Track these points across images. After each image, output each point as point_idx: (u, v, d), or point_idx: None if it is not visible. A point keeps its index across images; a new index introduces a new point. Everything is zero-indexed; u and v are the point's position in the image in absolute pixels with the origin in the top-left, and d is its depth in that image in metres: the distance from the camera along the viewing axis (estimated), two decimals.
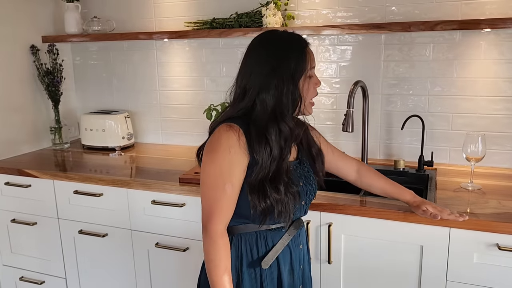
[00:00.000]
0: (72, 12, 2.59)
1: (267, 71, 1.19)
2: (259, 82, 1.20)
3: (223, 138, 1.19)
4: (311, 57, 1.26)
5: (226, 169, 1.18)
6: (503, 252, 1.46)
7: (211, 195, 1.19)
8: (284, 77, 1.20)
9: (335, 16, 2.20)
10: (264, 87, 1.19)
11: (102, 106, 2.84)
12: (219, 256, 1.20)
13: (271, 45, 1.24)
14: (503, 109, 2.00)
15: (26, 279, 2.38)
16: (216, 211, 1.19)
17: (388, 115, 2.20)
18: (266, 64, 1.20)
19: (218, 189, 1.18)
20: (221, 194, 1.18)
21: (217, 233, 1.20)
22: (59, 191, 2.18)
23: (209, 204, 1.20)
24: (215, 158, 1.18)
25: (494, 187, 1.80)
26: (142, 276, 2.10)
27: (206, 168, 1.20)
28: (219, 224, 1.20)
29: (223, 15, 2.35)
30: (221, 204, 1.19)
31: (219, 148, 1.18)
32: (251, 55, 1.25)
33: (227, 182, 1.18)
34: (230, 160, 1.18)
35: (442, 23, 1.86)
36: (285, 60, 1.21)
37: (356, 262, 1.69)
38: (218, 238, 1.20)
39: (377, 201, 1.67)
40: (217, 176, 1.18)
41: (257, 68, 1.21)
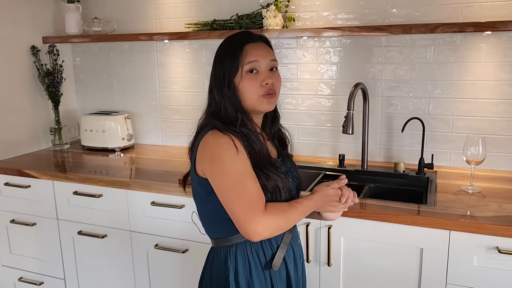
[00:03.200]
0: (72, 13, 2.59)
1: (212, 75, 1.31)
2: (210, 86, 1.32)
3: (220, 141, 1.20)
4: (249, 53, 1.26)
5: (242, 167, 1.18)
6: (503, 255, 1.46)
7: (242, 195, 1.16)
8: (220, 82, 1.27)
9: (336, 18, 2.19)
10: (211, 91, 1.31)
11: (102, 107, 2.84)
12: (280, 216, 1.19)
13: (216, 53, 1.32)
14: (503, 112, 2.00)
15: (25, 280, 2.38)
16: (255, 204, 1.16)
17: (388, 117, 2.20)
18: (212, 68, 1.31)
19: (245, 186, 1.17)
20: (251, 187, 1.17)
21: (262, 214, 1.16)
22: (58, 192, 2.18)
23: (245, 203, 1.16)
24: (225, 163, 1.18)
25: (495, 190, 1.79)
26: (141, 277, 2.10)
27: (222, 177, 1.18)
28: (261, 209, 1.17)
29: (223, 17, 2.35)
30: (256, 196, 1.17)
31: (222, 152, 1.19)
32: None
33: (249, 176, 1.18)
34: (240, 158, 1.19)
35: (442, 26, 1.86)
36: (219, 64, 1.28)
37: (355, 264, 1.69)
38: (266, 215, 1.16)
39: (377, 204, 1.66)
40: (237, 177, 1.17)
41: (211, 73, 1.32)
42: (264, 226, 1.16)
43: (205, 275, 1.36)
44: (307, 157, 2.34)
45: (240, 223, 1.16)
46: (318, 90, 2.30)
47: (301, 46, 2.29)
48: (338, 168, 2.16)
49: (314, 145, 2.36)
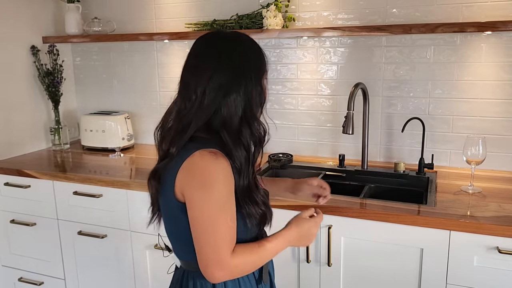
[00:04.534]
0: (72, 12, 2.59)
1: (231, 72, 1.09)
2: (222, 84, 1.08)
3: (213, 168, 1.05)
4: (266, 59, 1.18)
5: (225, 201, 1.06)
6: (504, 255, 1.46)
7: (213, 235, 1.05)
8: (251, 76, 1.11)
9: (336, 18, 2.19)
10: (232, 89, 1.09)
11: (102, 107, 2.84)
12: (249, 260, 1.12)
13: (231, 44, 1.13)
14: (503, 112, 2.00)
15: (25, 280, 2.38)
16: (222, 246, 1.06)
17: (388, 118, 2.20)
18: (229, 64, 1.10)
19: (219, 224, 1.05)
20: (225, 227, 1.06)
21: (230, 257, 1.08)
22: (58, 192, 2.18)
23: (214, 243, 1.05)
24: (211, 193, 1.04)
25: (495, 190, 1.79)
26: (141, 277, 2.10)
27: (204, 207, 1.05)
28: (228, 253, 1.07)
29: (223, 17, 2.35)
30: (227, 237, 1.07)
31: (215, 179, 1.05)
32: (205, 56, 1.13)
33: (228, 214, 1.07)
34: (227, 190, 1.07)
35: (443, 26, 1.85)
36: (250, 59, 1.14)
37: (356, 264, 1.69)
38: (234, 258, 1.08)
39: (377, 204, 1.66)
40: (217, 212, 1.05)
41: (218, 69, 1.09)
42: (226, 272, 1.08)
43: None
44: (307, 157, 2.34)
45: (201, 261, 1.08)
46: (318, 90, 2.30)
47: (301, 46, 2.29)
48: (338, 168, 2.16)
49: (314, 145, 2.36)
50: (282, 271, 1.76)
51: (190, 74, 1.13)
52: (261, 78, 1.15)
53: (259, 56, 1.16)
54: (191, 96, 1.10)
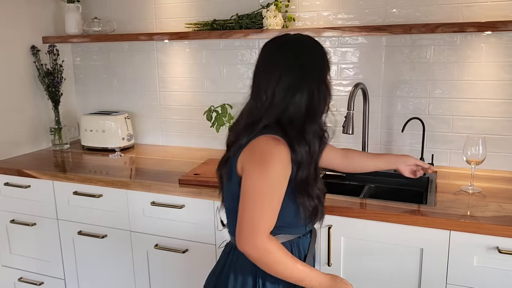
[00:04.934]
0: (72, 12, 2.59)
1: (298, 73, 1.19)
2: (290, 84, 1.18)
3: (275, 151, 1.15)
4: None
5: (277, 183, 1.15)
6: (503, 255, 1.46)
7: (256, 209, 1.14)
8: (316, 77, 1.21)
9: (336, 18, 2.19)
10: (298, 89, 1.18)
11: (102, 107, 2.84)
12: (278, 254, 1.16)
13: (297, 47, 1.23)
14: (503, 112, 2.00)
15: (25, 280, 2.38)
16: (261, 225, 1.14)
17: (388, 117, 2.20)
18: (295, 66, 1.19)
19: (265, 203, 1.14)
20: (268, 208, 1.15)
21: (265, 240, 1.15)
22: (58, 192, 2.18)
23: (254, 218, 1.14)
24: (266, 170, 1.13)
25: (495, 190, 1.79)
26: (141, 277, 2.10)
27: (254, 180, 1.14)
28: (265, 234, 1.15)
29: (223, 17, 2.35)
30: (267, 218, 1.15)
31: (272, 160, 1.14)
32: (274, 59, 1.22)
33: (274, 196, 1.15)
34: (281, 174, 1.15)
35: (443, 26, 1.85)
36: (314, 60, 1.23)
37: (356, 264, 1.69)
38: (268, 243, 1.15)
39: (377, 204, 1.66)
40: (266, 190, 1.14)
41: (286, 71, 1.19)
42: (255, 251, 1.15)
43: (225, 274, 1.30)
44: None
45: (238, 233, 1.16)
46: None
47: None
48: None
49: None
50: None
51: (260, 76, 1.23)
52: (325, 77, 1.24)
53: (322, 56, 1.26)
54: (262, 97, 1.20)
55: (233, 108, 2.40)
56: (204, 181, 1.90)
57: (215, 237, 1.90)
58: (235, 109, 2.43)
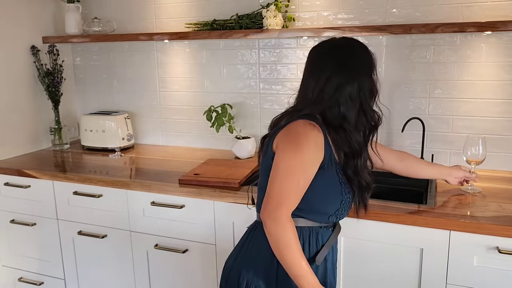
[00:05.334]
0: (72, 12, 2.59)
1: (346, 73, 1.27)
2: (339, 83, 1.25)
3: (310, 134, 1.22)
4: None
5: (306, 164, 1.21)
6: (503, 255, 1.46)
7: (284, 184, 1.20)
8: (362, 75, 1.29)
9: (336, 18, 2.19)
10: (347, 87, 1.26)
11: (102, 107, 2.84)
12: (292, 238, 1.20)
13: (344, 48, 1.32)
14: (504, 112, 2.00)
15: (25, 280, 2.38)
16: (285, 200, 1.20)
17: (388, 117, 2.20)
18: (343, 67, 1.27)
19: (293, 180, 1.20)
20: (295, 186, 1.20)
21: (286, 218, 1.20)
22: (58, 192, 2.18)
23: (280, 192, 1.20)
24: (299, 150, 1.20)
25: (495, 190, 1.79)
26: (141, 277, 2.10)
27: (286, 157, 1.21)
28: (287, 211, 1.21)
29: (223, 17, 2.35)
30: (292, 196, 1.21)
31: (306, 141, 1.21)
32: (322, 63, 1.30)
33: (302, 176, 1.21)
34: (313, 157, 1.22)
35: (443, 26, 1.85)
36: (361, 60, 1.31)
37: (356, 264, 1.69)
38: (287, 222, 1.20)
39: (377, 204, 1.66)
40: (296, 168, 1.20)
41: (335, 72, 1.26)
42: (275, 224, 1.19)
43: (249, 245, 1.35)
44: None
45: (264, 205, 1.22)
46: None
47: (301, 46, 2.29)
48: None
49: None
50: None
51: (308, 80, 1.31)
52: (371, 75, 1.32)
53: (366, 56, 1.34)
54: (308, 94, 1.29)
55: (233, 108, 2.40)
56: (204, 181, 1.90)
57: (215, 237, 1.90)
58: (235, 109, 2.43)
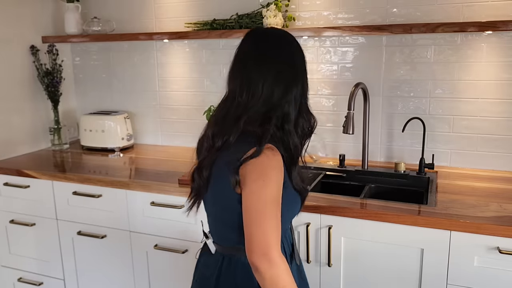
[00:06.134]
0: (72, 12, 2.59)
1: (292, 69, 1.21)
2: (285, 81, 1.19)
3: (273, 163, 1.14)
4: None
5: (278, 191, 1.15)
6: (504, 255, 1.46)
7: (266, 224, 1.11)
8: (301, 70, 1.24)
9: (336, 18, 2.19)
10: (288, 84, 1.19)
11: (101, 107, 2.83)
12: (290, 278, 1.12)
13: (275, 41, 1.24)
14: (504, 112, 2.00)
15: (24, 280, 2.37)
16: (273, 239, 1.11)
17: (389, 117, 2.19)
18: (279, 61, 1.20)
19: (273, 216, 1.12)
20: (276, 217, 1.13)
21: (279, 257, 1.11)
22: (58, 192, 2.17)
23: (265, 233, 1.10)
24: (268, 184, 1.12)
25: (495, 190, 1.79)
26: (140, 278, 2.09)
27: (261, 195, 1.12)
28: (278, 248, 1.12)
29: (223, 16, 2.35)
30: (276, 230, 1.12)
31: (271, 171, 1.13)
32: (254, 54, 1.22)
33: (278, 206, 1.14)
34: (279, 185, 1.15)
35: (443, 25, 1.85)
36: (296, 53, 1.24)
37: (356, 265, 1.69)
38: (282, 262, 1.11)
39: (377, 204, 1.66)
40: (272, 201, 1.13)
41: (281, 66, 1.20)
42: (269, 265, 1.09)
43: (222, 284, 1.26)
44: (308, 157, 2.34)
45: (250, 248, 1.11)
46: (319, 90, 2.29)
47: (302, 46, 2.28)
48: (339, 168, 2.16)
49: (314, 145, 2.35)
50: None
51: (252, 70, 1.19)
52: (307, 72, 1.26)
53: (301, 49, 1.27)
54: (254, 89, 1.18)
55: None
56: None
57: None
58: None
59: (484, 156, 2.05)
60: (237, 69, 1.23)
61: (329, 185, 2.10)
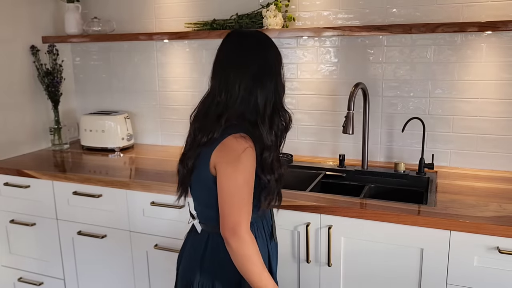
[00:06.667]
0: (72, 12, 2.59)
1: (264, 68, 1.30)
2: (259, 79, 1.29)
3: (243, 149, 1.25)
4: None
5: (249, 175, 1.27)
6: (504, 255, 1.46)
7: (236, 203, 1.25)
8: (276, 71, 1.33)
9: (336, 18, 2.19)
10: (266, 83, 1.29)
11: (101, 107, 2.84)
12: (254, 253, 1.27)
13: (252, 43, 1.33)
14: (504, 112, 2.00)
15: (24, 280, 2.38)
16: (242, 216, 1.26)
17: (388, 117, 2.20)
18: (255, 63, 1.29)
19: (243, 197, 1.26)
20: (246, 201, 1.27)
21: (246, 233, 1.26)
22: (58, 192, 2.18)
23: (234, 211, 1.26)
24: (240, 168, 1.25)
25: (495, 190, 1.79)
26: (140, 277, 2.09)
27: (231, 178, 1.25)
28: (247, 225, 1.27)
29: (223, 16, 2.35)
30: (246, 210, 1.27)
31: (244, 157, 1.25)
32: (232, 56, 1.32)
33: (248, 189, 1.27)
34: (250, 169, 1.27)
35: (443, 26, 1.85)
36: (271, 55, 1.33)
37: (356, 265, 1.69)
38: (248, 237, 1.27)
39: (377, 204, 1.66)
40: (241, 185, 1.26)
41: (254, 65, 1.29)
42: (237, 239, 1.25)
43: (205, 261, 1.39)
44: (307, 157, 2.34)
45: (222, 225, 1.26)
46: (318, 90, 2.29)
47: (301, 46, 2.29)
48: (338, 168, 2.16)
49: (314, 145, 2.36)
50: (282, 271, 1.76)
51: (230, 72, 1.30)
52: (282, 70, 1.36)
53: (277, 50, 1.36)
54: (231, 90, 1.29)
55: None
56: None
57: None
58: None
59: (484, 156, 2.06)
60: (216, 70, 1.34)
61: (329, 185, 2.11)
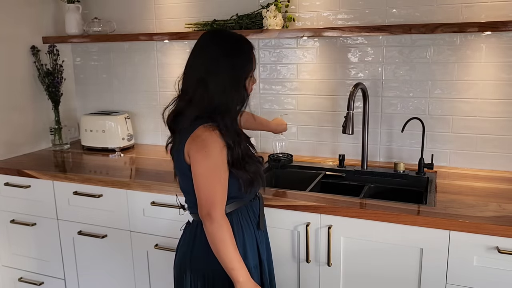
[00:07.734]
0: (72, 13, 2.59)
1: (224, 72, 1.36)
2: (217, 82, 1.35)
3: (211, 136, 1.34)
4: (255, 59, 1.45)
5: (219, 163, 1.35)
6: (503, 255, 1.46)
7: (209, 188, 1.34)
8: (237, 77, 1.39)
9: (336, 18, 2.19)
10: (221, 88, 1.36)
11: (102, 107, 2.84)
12: (227, 235, 1.35)
13: (225, 45, 1.39)
14: (503, 112, 2.00)
15: (25, 280, 2.38)
16: (216, 200, 1.34)
17: (388, 118, 2.20)
18: (222, 65, 1.36)
19: (215, 182, 1.34)
20: (219, 186, 1.35)
21: (220, 216, 1.34)
22: (58, 192, 2.18)
23: (209, 196, 1.34)
24: (209, 154, 1.34)
25: (494, 190, 1.79)
26: (141, 277, 2.10)
27: (202, 165, 1.35)
28: (221, 209, 1.35)
29: (223, 17, 2.35)
30: (220, 195, 1.35)
31: (212, 144, 1.34)
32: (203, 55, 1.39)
33: (221, 172, 1.36)
34: (220, 155, 1.35)
35: (442, 26, 1.85)
36: (238, 61, 1.39)
37: (355, 264, 1.69)
38: (222, 220, 1.35)
39: (377, 204, 1.66)
40: (213, 171, 1.34)
41: (214, 68, 1.36)
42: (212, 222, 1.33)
43: (195, 248, 1.46)
44: (307, 157, 2.35)
45: (200, 211, 1.36)
46: (318, 90, 2.30)
47: (301, 46, 2.29)
48: (338, 168, 2.16)
49: (314, 145, 2.36)
50: (282, 271, 1.76)
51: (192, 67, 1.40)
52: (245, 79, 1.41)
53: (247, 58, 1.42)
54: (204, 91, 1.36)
55: None
56: None
57: None
58: None
59: (483, 156, 2.06)
60: (188, 71, 1.41)
61: (329, 185, 2.11)
